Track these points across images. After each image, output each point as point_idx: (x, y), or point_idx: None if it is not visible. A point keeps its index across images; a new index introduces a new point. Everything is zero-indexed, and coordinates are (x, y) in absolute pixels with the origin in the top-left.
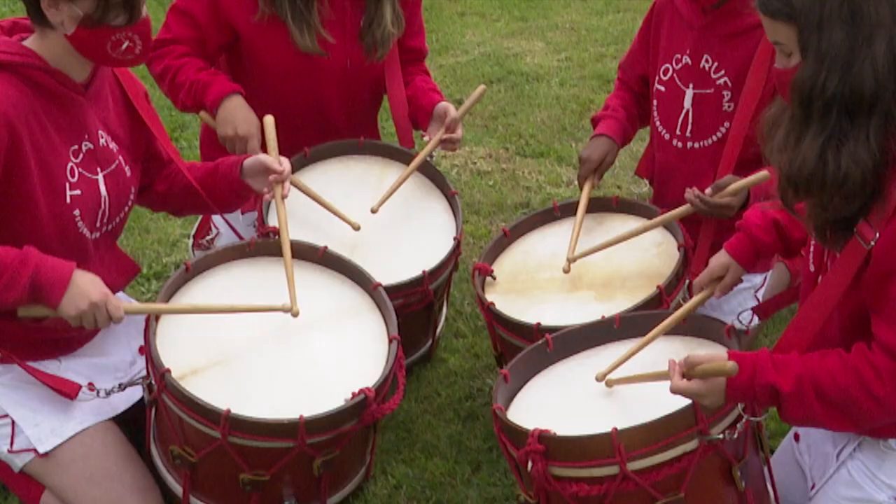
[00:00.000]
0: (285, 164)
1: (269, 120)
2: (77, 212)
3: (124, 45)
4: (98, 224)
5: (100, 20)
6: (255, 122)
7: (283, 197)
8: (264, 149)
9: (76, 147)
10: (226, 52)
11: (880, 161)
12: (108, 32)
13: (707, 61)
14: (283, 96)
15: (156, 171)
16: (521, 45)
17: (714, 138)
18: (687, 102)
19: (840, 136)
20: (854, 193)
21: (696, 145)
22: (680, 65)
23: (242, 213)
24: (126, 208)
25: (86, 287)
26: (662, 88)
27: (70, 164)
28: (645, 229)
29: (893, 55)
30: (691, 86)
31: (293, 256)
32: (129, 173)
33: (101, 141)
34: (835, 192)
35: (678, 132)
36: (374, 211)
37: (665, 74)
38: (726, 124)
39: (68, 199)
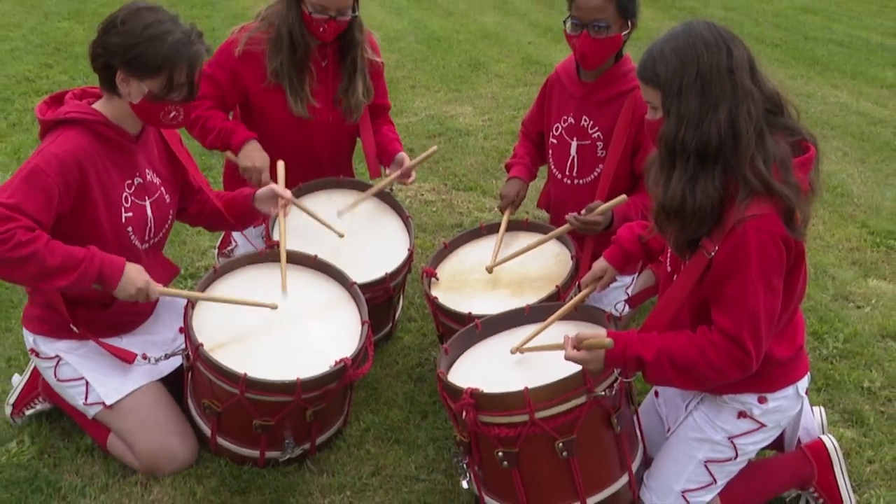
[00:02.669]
0: (287, 193)
1: (281, 164)
2: (130, 229)
3: (172, 114)
4: (146, 238)
5: (163, 97)
6: (266, 158)
7: (285, 215)
8: (274, 180)
9: (129, 181)
10: (240, 107)
11: (723, 196)
12: (164, 105)
13: (585, 120)
14: (282, 143)
15: (189, 197)
16: (456, 109)
17: (592, 176)
18: (572, 151)
19: (695, 177)
20: (706, 219)
21: (580, 182)
22: (566, 123)
23: (254, 227)
24: (167, 226)
25: (133, 276)
26: (555, 141)
27: (125, 194)
28: (538, 243)
29: (731, 120)
30: (575, 139)
31: (293, 262)
32: (168, 200)
33: (148, 177)
34: (693, 218)
35: (567, 173)
36: (339, 214)
37: (556, 131)
38: (600, 166)
39: (123, 220)
